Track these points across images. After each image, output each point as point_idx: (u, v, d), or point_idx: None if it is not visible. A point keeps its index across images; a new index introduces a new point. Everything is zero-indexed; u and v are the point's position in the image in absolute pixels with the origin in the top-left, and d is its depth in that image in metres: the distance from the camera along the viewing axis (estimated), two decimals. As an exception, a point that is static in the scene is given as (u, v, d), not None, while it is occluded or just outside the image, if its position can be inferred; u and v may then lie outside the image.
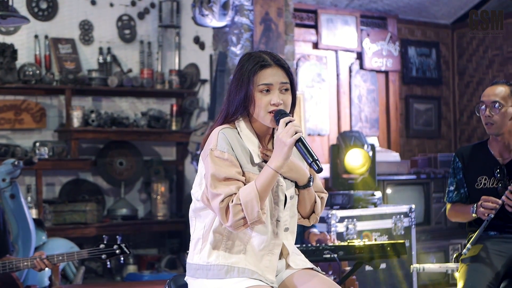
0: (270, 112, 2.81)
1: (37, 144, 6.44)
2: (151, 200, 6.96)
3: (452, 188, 4.32)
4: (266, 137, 2.93)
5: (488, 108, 4.06)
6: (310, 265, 3.01)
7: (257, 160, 2.84)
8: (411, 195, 7.09)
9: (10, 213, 5.31)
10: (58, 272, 5.00)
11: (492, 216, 3.93)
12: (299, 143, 2.74)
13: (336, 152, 6.26)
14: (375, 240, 5.93)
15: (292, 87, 2.88)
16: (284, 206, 2.89)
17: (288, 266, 2.97)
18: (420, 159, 7.62)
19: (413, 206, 6.26)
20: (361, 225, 5.96)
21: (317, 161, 2.72)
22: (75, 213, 6.39)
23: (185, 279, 3.01)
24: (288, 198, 2.90)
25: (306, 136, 6.58)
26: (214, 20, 6.09)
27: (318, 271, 2.98)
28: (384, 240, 5.98)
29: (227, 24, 6.23)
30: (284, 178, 2.89)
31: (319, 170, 2.73)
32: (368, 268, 5.99)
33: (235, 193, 2.72)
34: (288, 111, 2.85)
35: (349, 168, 6.17)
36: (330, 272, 4.71)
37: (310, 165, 2.74)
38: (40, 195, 6.33)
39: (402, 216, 6.18)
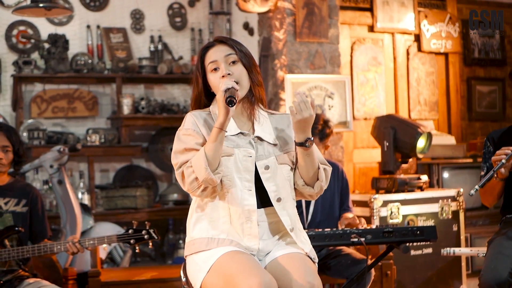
0: None
1: (90, 131, 6.60)
2: (203, 185, 7.02)
3: (483, 173, 4.23)
4: (244, 115, 3.02)
5: None
6: (307, 248, 3.00)
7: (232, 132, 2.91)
8: (467, 178, 6.93)
9: (59, 199, 5.48)
10: (98, 255, 5.14)
11: (504, 161, 3.79)
12: (225, 94, 2.80)
13: (390, 136, 6.15)
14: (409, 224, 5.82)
15: (243, 59, 2.95)
16: (260, 177, 2.91)
17: (284, 246, 2.97)
18: (479, 142, 7.44)
19: (461, 190, 6.10)
20: (405, 210, 5.85)
21: (229, 96, 2.77)
22: (126, 198, 6.51)
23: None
24: (262, 169, 2.92)
25: (351, 121, 6.48)
26: (256, 6, 6.08)
27: (310, 258, 2.97)
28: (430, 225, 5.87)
29: (270, 9, 6.21)
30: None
31: (231, 102, 2.75)
32: (413, 253, 5.92)
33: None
34: (241, 81, 2.92)
35: (418, 150, 6.05)
36: (370, 257, 4.67)
37: (226, 102, 2.76)
38: (92, 181, 6.47)
39: (449, 200, 6.03)
